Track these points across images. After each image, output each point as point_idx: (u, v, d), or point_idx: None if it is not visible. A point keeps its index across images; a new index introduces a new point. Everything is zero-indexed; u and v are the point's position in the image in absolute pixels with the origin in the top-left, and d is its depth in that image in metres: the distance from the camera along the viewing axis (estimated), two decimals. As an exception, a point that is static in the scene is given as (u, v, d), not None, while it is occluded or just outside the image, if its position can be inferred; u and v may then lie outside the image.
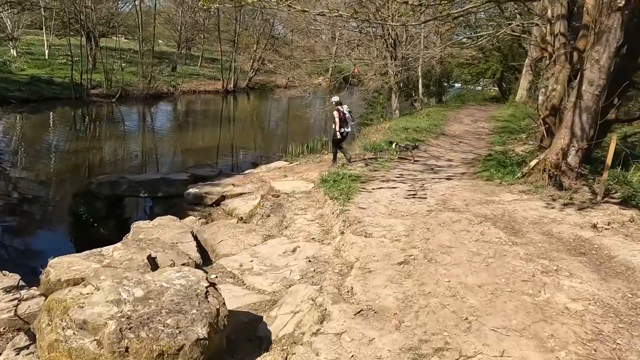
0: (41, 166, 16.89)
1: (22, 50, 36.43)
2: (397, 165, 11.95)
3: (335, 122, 12.11)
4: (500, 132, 18.23)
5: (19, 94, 27.72)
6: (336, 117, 12.08)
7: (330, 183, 9.30)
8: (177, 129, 26.71)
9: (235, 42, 39.30)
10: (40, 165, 17.00)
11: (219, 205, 11.90)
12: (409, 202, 8.25)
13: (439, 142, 16.38)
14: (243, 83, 41.37)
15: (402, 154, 13.00)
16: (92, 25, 32.99)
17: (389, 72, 23.51)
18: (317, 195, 9.19)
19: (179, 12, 40.02)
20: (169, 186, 12.29)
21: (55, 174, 15.90)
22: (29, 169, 16.50)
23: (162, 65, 37.40)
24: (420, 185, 9.66)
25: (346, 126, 12.40)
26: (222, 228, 7.75)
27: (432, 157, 13.64)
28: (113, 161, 18.38)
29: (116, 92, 30.98)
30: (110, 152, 19.45)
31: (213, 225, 8.02)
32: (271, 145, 24.58)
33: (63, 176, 15.68)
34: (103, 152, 19.52)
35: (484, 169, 11.17)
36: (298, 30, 33.47)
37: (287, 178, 12.43)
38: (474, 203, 8.10)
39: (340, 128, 12.10)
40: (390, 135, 16.84)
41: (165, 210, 12.42)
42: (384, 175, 10.51)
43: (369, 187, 9.22)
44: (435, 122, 20.24)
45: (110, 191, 12.10)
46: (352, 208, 7.73)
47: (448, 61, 32.46)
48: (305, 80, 29.70)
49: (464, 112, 25.42)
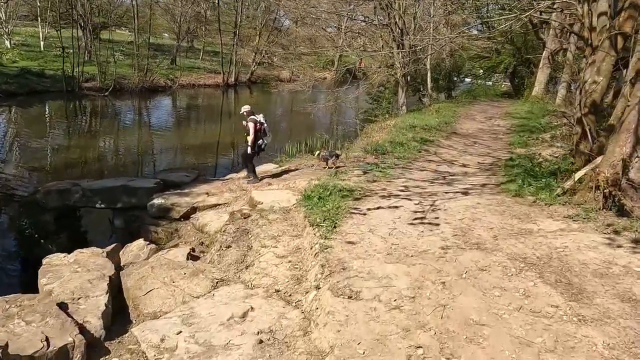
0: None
1: (18, 41, 34.40)
2: (403, 173, 9.60)
3: (249, 134, 10.20)
4: (518, 131, 15.79)
5: (6, 87, 25.64)
6: (251, 129, 10.16)
7: (314, 201, 7.01)
8: (167, 125, 24.42)
9: (237, 34, 36.85)
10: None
11: (188, 219, 9.72)
12: (416, 231, 5.93)
13: (450, 142, 14.00)
14: (245, 77, 38.97)
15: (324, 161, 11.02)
16: (86, 16, 30.77)
17: (396, 64, 21.06)
18: (296, 216, 6.90)
19: (179, 3, 37.63)
20: (130, 195, 10.06)
21: (9, 178, 13.68)
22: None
23: (160, 58, 35.08)
24: (431, 203, 7.33)
25: (264, 137, 10.55)
26: (157, 269, 5.49)
27: (444, 161, 11.27)
28: (83, 162, 16.10)
29: (109, 85, 28.79)
30: (84, 152, 17.16)
31: (146, 265, 5.74)
32: (269, 142, 22.25)
33: (18, 181, 13.47)
34: (75, 152, 17.21)
35: (509, 180, 8.80)
36: (302, 21, 31.18)
37: (271, 186, 10.17)
38: (505, 234, 5.77)
39: (257, 140, 10.30)
40: (395, 135, 14.50)
41: (125, 223, 10.27)
42: (384, 188, 8.18)
43: (364, 207, 6.91)
44: (446, 120, 17.84)
45: (59, 201, 9.90)
46: (336, 243, 5.44)
47: (459, 54, 29.92)
48: (310, 74, 27.38)
49: (476, 108, 22.94)
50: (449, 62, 29.61)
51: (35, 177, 14.42)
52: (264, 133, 10.52)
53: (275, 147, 20.02)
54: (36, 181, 13.77)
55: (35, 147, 17.69)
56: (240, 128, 11.24)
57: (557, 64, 24.16)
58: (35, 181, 13.79)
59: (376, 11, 21.12)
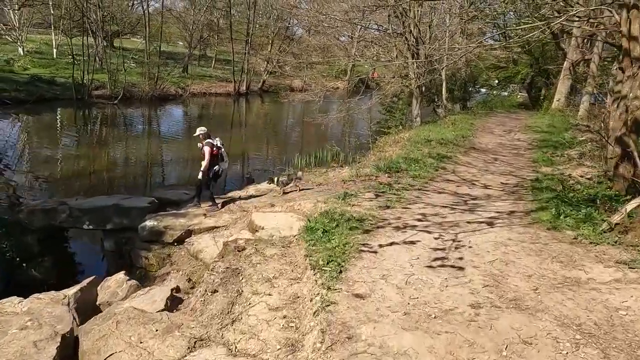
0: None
1: (32, 49, 34.01)
2: (419, 196, 8.51)
3: (205, 158, 9.23)
4: (541, 147, 14.59)
5: (15, 94, 25.05)
6: (206, 153, 9.18)
7: (317, 234, 5.94)
8: (176, 135, 23.55)
9: (249, 42, 36.04)
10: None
11: (183, 244, 8.73)
12: (438, 278, 4.85)
13: (469, 159, 12.86)
14: (256, 85, 38.13)
15: (287, 186, 10.21)
16: (98, 24, 30.20)
17: (410, 74, 19.98)
18: (296, 252, 5.85)
19: (191, 12, 36.97)
20: (121, 216, 9.11)
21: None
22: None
23: (171, 66, 34.39)
24: (453, 237, 6.24)
25: (222, 163, 9.58)
26: (123, 324, 4.47)
27: (464, 181, 10.14)
28: (83, 174, 15.23)
29: (119, 93, 28.11)
30: (85, 163, 16.32)
31: (110, 319, 4.71)
32: (278, 155, 21.27)
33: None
34: (76, 162, 16.37)
35: (540, 207, 7.67)
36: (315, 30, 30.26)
37: (273, 208, 9.15)
38: (548, 285, 4.67)
39: (212, 166, 9.36)
40: (409, 149, 13.42)
41: (116, 246, 9.31)
42: (399, 216, 7.10)
43: (375, 242, 5.84)
44: (463, 133, 16.69)
45: (44, 221, 8.98)
46: (342, 297, 4.38)
47: (474, 64, 28.72)
48: (321, 84, 26.44)
49: (494, 121, 21.73)
50: (465, 72, 28.43)
51: (31, 188, 13.62)
52: (220, 158, 9.53)
53: (284, 159, 19.08)
54: (31, 192, 12.98)
55: (33, 157, 16.93)
56: (251, 139, 10.27)
57: (578, 75, 22.90)
58: (30, 192, 12.99)
59: (390, 19, 20.09)
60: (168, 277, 8.00)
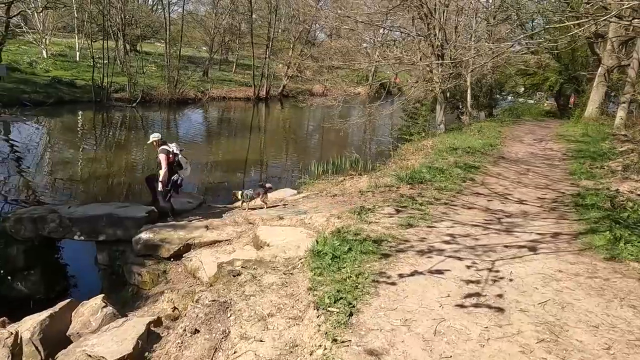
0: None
1: (56, 52, 33.91)
2: (446, 212, 7.36)
3: (161, 167, 8.30)
4: (577, 157, 13.27)
5: (35, 96, 24.72)
6: (163, 161, 8.23)
7: (325, 260, 4.87)
8: (193, 139, 22.75)
9: (269, 47, 35.26)
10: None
11: (180, 259, 7.77)
12: (476, 328, 3.73)
13: (499, 169, 11.62)
14: (276, 90, 37.30)
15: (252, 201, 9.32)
16: (119, 28, 29.82)
17: (434, 78, 18.79)
18: (299, 281, 4.78)
19: (213, 16, 36.41)
20: (115, 227, 8.18)
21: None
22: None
23: (191, 70, 33.84)
24: (489, 265, 5.11)
25: (181, 171, 8.64)
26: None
27: (496, 195, 8.95)
28: (92, 178, 14.46)
29: (138, 96, 27.61)
30: (95, 166, 15.57)
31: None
32: (294, 161, 20.27)
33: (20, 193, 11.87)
34: (87, 166, 15.65)
35: (590, 229, 6.46)
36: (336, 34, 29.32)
37: (282, 221, 8.14)
38: (623, 342, 3.52)
39: (173, 175, 8.50)
40: (434, 158, 12.26)
41: (109, 260, 8.37)
42: (424, 237, 5.98)
43: (395, 272, 4.75)
44: (490, 141, 15.44)
45: (32, 231, 8.11)
46: (351, 355, 3.29)
47: (500, 70, 27.29)
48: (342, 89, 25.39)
49: (522, 129, 20.36)
50: (491, 78, 27.05)
51: (50, 190, 12.97)
52: (178, 165, 8.54)
53: (301, 166, 18.06)
54: (50, 194, 12.31)
55: (52, 159, 16.33)
56: (269, 144, 9.30)
57: (613, 82, 21.38)
58: (49, 194, 12.32)
59: (414, 22, 18.96)
60: (161, 297, 7.04)
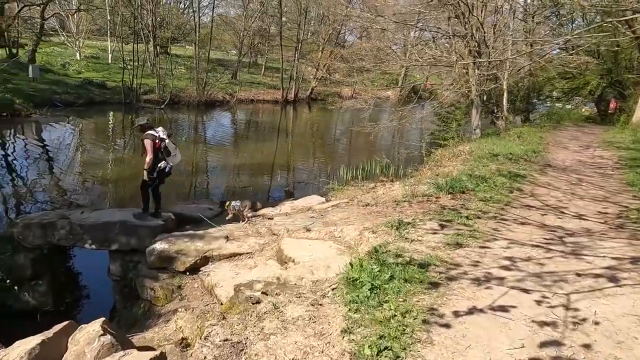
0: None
1: (89, 54, 34.10)
2: (497, 228, 6.34)
3: (147, 154, 7.39)
4: (632, 166, 11.97)
5: (66, 97, 24.65)
6: (148, 147, 7.30)
7: (363, 292, 3.95)
8: (216, 142, 22.15)
9: (298, 49, 34.56)
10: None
11: (197, 273, 6.99)
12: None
13: (547, 178, 10.46)
14: (305, 93, 36.56)
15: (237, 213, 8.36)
16: (150, 30, 29.64)
17: (470, 80, 17.62)
18: (331, 317, 3.87)
19: (242, 18, 35.97)
20: (129, 235, 7.47)
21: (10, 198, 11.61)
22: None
23: (220, 73, 33.45)
24: (564, 301, 4.13)
25: (169, 158, 7.66)
26: None
27: (549, 208, 7.85)
28: (122, 181, 13.92)
29: (167, 98, 27.31)
30: (119, 168, 15.04)
31: None
32: (322, 165, 19.39)
33: (17, 204, 11.34)
34: (116, 168, 15.13)
35: (676, 254, 5.34)
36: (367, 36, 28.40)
37: (309, 233, 7.26)
38: None
39: (160, 162, 7.54)
40: (473, 165, 11.18)
41: (121, 271, 7.65)
42: (477, 260, 5.00)
43: (448, 309, 3.81)
44: (533, 147, 14.20)
45: (41, 238, 7.46)
46: None
47: (538, 73, 25.77)
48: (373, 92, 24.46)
49: (564, 135, 18.98)
50: (528, 82, 25.59)
51: (79, 191, 12.52)
52: (166, 152, 7.60)
53: (329, 171, 17.18)
54: (79, 196, 11.84)
55: (81, 160, 15.96)
56: (297, 148, 8.47)
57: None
58: (78, 196, 11.85)
59: (450, 21, 17.84)
60: (174, 317, 6.26)
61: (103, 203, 11.53)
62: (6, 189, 12.54)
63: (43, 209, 10.41)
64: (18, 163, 15.28)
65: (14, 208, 11.05)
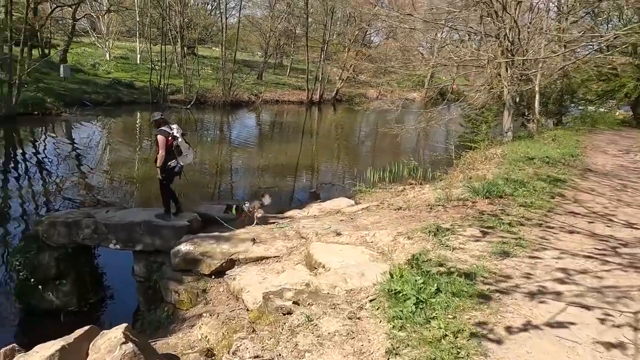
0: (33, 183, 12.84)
1: (118, 55, 34.52)
2: (544, 237, 5.85)
3: (158, 150, 7.04)
4: (679, 172, 11.22)
5: (95, 97, 24.90)
6: (160, 143, 6.96)
7: (407, 307, 3.55)
8: (241, 142, 21.96)
9: (324, 49, 34.25)
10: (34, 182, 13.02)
11: (222, 277, 6.68)
12: None
13: (589, 184, 9.84)
14: (330, 94, 36.21)
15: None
16: (178, 30, 29.77)
17: (503, 82, 16.98)
18: (371, 333, 3.49)
19: (269, 19, 35.88)
20: (153, 235, 7.23)
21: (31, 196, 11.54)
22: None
23: (246, 73, 33.42)
24: (631, 320, 3.65)
25: (180, 157, 7.26)
26: None
27: (596, 215, 7.29)
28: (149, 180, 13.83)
29: (193, 98, 27.37)
30: (142, 169, 14.88)
31: None
32: (347, 167, 18.99)
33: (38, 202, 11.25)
34: (143, 167, 15.05)
35: None
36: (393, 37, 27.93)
37: (340, 237, 6.89)
38: None
39: (170, 160, 7.15)
40: (508, 168, 10.62)
41: (146, 272, 7.41)
42: (528, 272, 4.55)
43: (500, 324, 3.41)
44: (570, 151, 13.50)
45: (66, 237, 7.28)
46: None
47: (572, 75, 24.79)
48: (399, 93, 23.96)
49: (601, 138, 18.12)
50: (561, 84, 24.66)
51: (107, 190, 12.46)
52: (177, 151, 7.22)
53: (355, 172, 16.77)
54: (107, 194, 11.77)
55: (110, 158, 15.97)
56: (321, 149, 8.09)
57: None
58: (106, 194, 11.77)
59: (483, 20, 17.24)
60: (199, 322, 5.98)
61: (129, 202, 11.39)
62: (35, 186, 12.56)
63: (71, 207, 10.33)
64: (47, 161, 15.35)
65: (41, 205, 11.01)
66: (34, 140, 18.56)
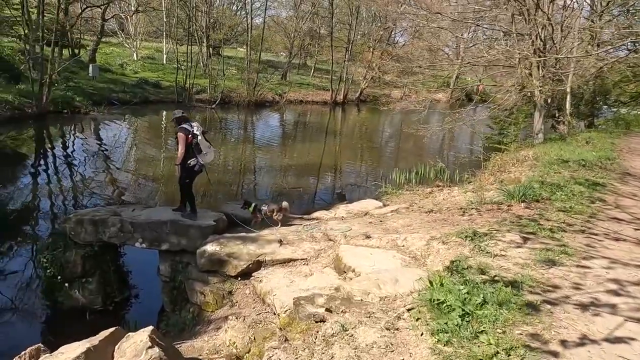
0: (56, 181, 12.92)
1: (145, 55, 34.95)
2: (590, 244, 5.48)
3: (178, 148, 6.84)
4: None
5: (122, 96, 25.19)
6: (181, 140, 6.75)
7: (452, 319, 3.28)
8: (265, 142, 21.86)
9: (349, 50, 33.98)
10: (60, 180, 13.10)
11: (249, 278, 6.51)
12: None
13: (630, 188, 9.35)
14: (354, 95, 35.90)
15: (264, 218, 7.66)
16: (204, 31, 29.94)
17: (534, 82, 16.43)
18: (411, 346, 3.23)
19: (294, 19, 35.82)
20: (179, 235, 7.09)
21: (53, 194, 11.57)
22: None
23: (270, 73, 33.41)
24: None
25: (200, 155, 6.99)
26: None
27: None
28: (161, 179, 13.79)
29: (218, 98, 27.47)
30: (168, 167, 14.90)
31: None
32: (371, 168, 18.69)
33: (64, 200, 11.27)
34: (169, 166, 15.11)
35: None
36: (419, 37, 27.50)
37: (370, 240, 6.65)
38: None
39: (190, 159, 6.89)
40: (543, 171, 10.19)
41: (171, 272, 7.29)
42: (578, 282, 4.22)
43: (555, 338, 3.13)
44: (606, 154, 12.93)
45: (92, 235, 7.20)
46: None
47: (605, 76, 23.92)
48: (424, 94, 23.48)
49: (637, 141, 17.40)
50: (594, 85, 23.84)
51: (134, 188, 12.50)
52: (197, 149, 6.98)
53: (380, 173, 16.47)
54: (133, 192, 11.79)
55: (136, 157, 16.06)
56: (345, 149, 7.86)
57: None
58: (132, 192, 11.80)
59: (514, 19, 16.71)
60: (225, 324, 5.81)
61: (154, 201, 11.36)
62: (63, 183, 12.65)
63: (98, 205, 10.36)
64: (76, 158, 15.49)
65: (69, 203, 11.05)
66: (63, 138, 18.81)
